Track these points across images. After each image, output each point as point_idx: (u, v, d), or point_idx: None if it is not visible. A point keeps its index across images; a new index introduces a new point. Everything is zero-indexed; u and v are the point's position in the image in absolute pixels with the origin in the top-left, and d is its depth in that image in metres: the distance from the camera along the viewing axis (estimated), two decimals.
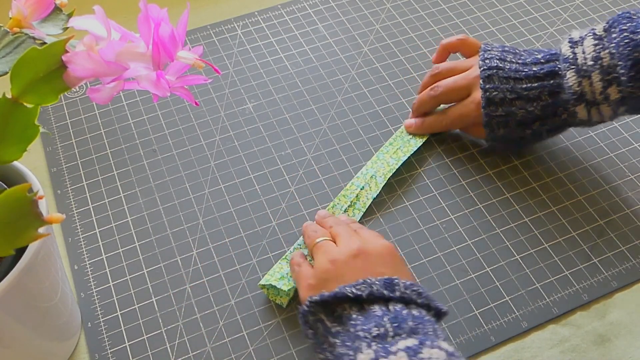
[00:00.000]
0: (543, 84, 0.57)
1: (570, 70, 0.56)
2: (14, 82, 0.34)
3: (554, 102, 0.57)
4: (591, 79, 0.55)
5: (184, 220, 0.60)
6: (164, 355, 0.52)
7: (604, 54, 0.55)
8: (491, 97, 0.59)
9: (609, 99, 0.55)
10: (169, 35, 0.34)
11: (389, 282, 0.46)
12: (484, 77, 0.59)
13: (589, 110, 0.57)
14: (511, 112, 0.59)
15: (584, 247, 0.58)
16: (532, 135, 0.60)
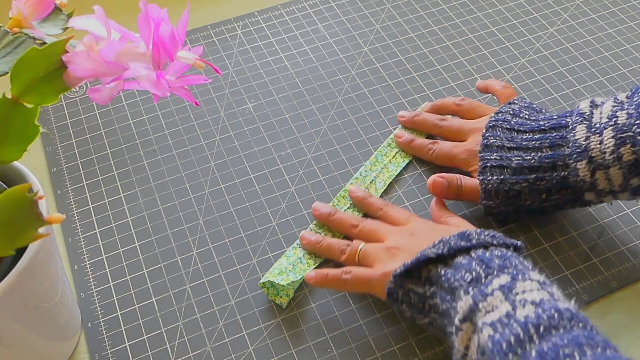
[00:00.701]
0: (545, 136, 0.54)
1: (581, 124, 0.52)
2: (14, 82, 0.34)
3: (552, 154, 0.53)
4: (602, 136, 0.51)
5: (184, 220, 0.60)
6: (164, 355, 0.52)
7: (621, 113, 0.51)
8: (489, 144, 0.56)
9: (621, 159, 0.50)
10: (169, 35, 0.34)
11: (463, 234, 0.47)
12: (488, 127, 0.57)
13: (593, 171, 0.51)
14: (506, 157, 0.55)
15: (584, 247, 0.58)
16: (530, 192, 0.54)
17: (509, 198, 0.55)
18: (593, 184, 0.52)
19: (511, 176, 0.54)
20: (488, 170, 0.56)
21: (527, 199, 0.55)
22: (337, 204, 0.60)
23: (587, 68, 0.72)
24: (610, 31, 0.77)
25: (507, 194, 0.55)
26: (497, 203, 0.56)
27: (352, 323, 0.53)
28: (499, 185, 0.55)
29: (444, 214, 0.56)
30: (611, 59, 0.73)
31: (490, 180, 0.55)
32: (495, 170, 0.55)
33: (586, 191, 0.53)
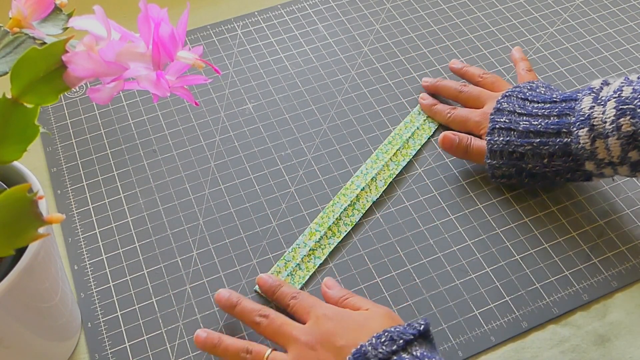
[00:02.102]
0: (554, 106, 0.57)
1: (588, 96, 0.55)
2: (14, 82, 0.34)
3: (559, 122, 0.56)
4: (605, 107, 0.53)
5: (184, 220, 0.60)
6: (164, 355, 0.52)
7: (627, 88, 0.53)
8: (501, 108, 0.60)
9: (620, 129, 0.51)
10: (169, 35, 0.34)
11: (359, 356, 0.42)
12: (504, 95, 0.61)
13: (594, 139, 0.53)
14: (515, 121, 0.58)
15: (584, 247, 0.58)
16: (533, 155, 0.57)
17: (513, 159, 0.58)
18: (593, 152, 0.54)
19: (517, 138, 0.57)
20: (496, 131, 0.59)
21: (530, 162, 0.57)
22: (337, 202, 0.60)
23: (587, 68, 0.72)
24: (610, 31, 0.77)
25: (511, 155, 0.58)
26: (500, 163, 0.59)
27: None
28: (504, 146, 0.58)
29: (342, 294, 0.52)
30: (611, 59, 0.73)
31: (496, 140, 0.58)
32: (502, 131, 0.58)
33: (586, 160, 0.55)
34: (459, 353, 0.51)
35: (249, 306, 0.50)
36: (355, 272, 0.56)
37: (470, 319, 0.53)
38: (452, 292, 0.55)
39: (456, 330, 0.53)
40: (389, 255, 0.57)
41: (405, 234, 0.59)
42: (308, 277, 0.56)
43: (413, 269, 0.56)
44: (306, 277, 0.56)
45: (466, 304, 0.54)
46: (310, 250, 0.57)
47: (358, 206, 0.60)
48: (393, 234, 0.59)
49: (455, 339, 0.52)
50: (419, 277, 0.56)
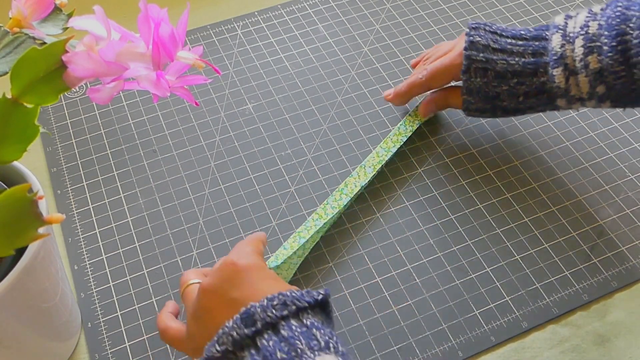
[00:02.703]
0: (528, 44, 0.57)
1: (557, 34, 0.55)
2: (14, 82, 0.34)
3: (535, 61, 0.56)
4: (574, 45, 0.54)
5: (184, 220, 0.60)
6: (164, 355, 0.52)
7: (592, 24, 0.53)
8: (475, 41, 0.59)
9: (588, 67, 0.53)
10: (169, 35, 0.34)
11: (247, 316, 0.39)
12: (471, 27, 0.60)
13: (567, 77, 0.54)
14: (492, 59, 0.58)
15: (584, 247, 0.58)
16: (509, 95, 0.58)
17: (488, 98, 0.59)
18: (566, 89, 0.55)
19: (494, 79, 0.58)
20: (472, 70, 0.59)
21: (505, 100, 0.59)
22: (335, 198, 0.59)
23: None
24: None
25: (487, 94, 0.59)
26: (476, 99, 0.60)
27: (352, 323, 0.53)
28: (481, 87, 0.59)
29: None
30: None
31: (473, 81, 0.59)
32: (479, 71, 0.58)
33: (559, 97, 0.57)
34: (459, 353, 0.51)
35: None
36: (355, 271, 0.56)
37: (470, 319, 0.53)
38: (452, 291, 0.55)
39: (456, 330, 0.53)
40: (389, 255, 0.57)
41: (405, 233, 0.59)
42: (291, 254, 0.54)
43: (413, 268, 0.56)
44: (288, 254, 0.54)
45: (466, 304, 0.54)
46: (297, 232, 0.57)
47: (346, 191, 0.60)
48: (393, 234, 0.59)
49: (455, 339, 0.52)
50: (419, 277, 0.56)
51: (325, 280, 0.56)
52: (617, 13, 0.52)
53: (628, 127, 0.67)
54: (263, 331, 0.39)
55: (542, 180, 0.62)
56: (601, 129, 0.67)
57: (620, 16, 0.52)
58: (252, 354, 0.38)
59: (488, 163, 0.64)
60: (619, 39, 0.51)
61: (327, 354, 0.37)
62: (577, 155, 0.64)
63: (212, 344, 0.39)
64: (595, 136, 0.66)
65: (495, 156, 0.64)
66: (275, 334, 0.38)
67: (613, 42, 0.51)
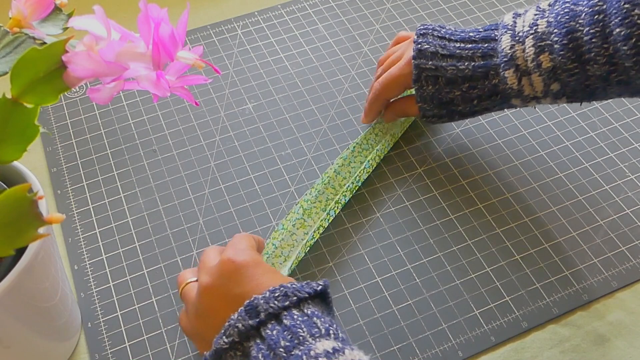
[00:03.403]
0: (477, 46, 0.56)
1: (506, 34, 0.54)
2: (14, 82, 0.34)
3: (485, 64, 0.55)
4: (524, 45, 0.53)
5: (184, 220, 0.60)
6: (164, 355, 0.52)
7: (541, 22, 0.53)
8: (422, 49, 0.58)
9: (540, 66, 0.52)
10: (169, 35, 0.34)
11: (251, 309, 0.41)
12: (419, 34, 0.59)
13: (520, 78, 0.54)
14: (441, 67, 0.57)
15: (584, 247, 0.58)
16: (462, 100, 0.58)
17: (443, 104, 0.59)
18: (520, 90, 0.55)
19: (445, 86, 0.58)
20: (423, 79, 0.58)
21: (459, 105, 0.59)
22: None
23: None
24: None
25: (441, 100, 0.59)
26: (431, 106, 0.60)
27: (352, 323, 0.53)
28: (433, 94, 0.58)
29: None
30: None
31: (425, 89, 0.59)
32: (430, 79, 0.58)
33: (513, 97, 0.56)
34: (459, 353, 0.51)
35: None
36: (355, 271, 0.56)
37: (470, 319, 0.53)
38: (452, 291, 0.55)
39: (456, 330, 0.53)
40: (389, 255, 0.57)
41: (405, 233, 0.59)
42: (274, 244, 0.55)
43: (413, 268, 0.56)
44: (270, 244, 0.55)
45: (466, 304, 0.54)
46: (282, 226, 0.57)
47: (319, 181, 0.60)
48: (393, 234, 0.59)
49: (455, 339, 0.52)
50: (419, 277, 0.56)
51: None
52: (566, 10, 0.51)
53: (628, 127, 0.67)
54: (267, 321, 0.41)
55: (542, 180, 0.62)
56: (601, 129, 0.67)
57: (569, 12, 0.51)
58: (257, 343, 0.40)
59: (488, 163, 0.64)
60: (569, 37, 0.51)
61: (327, 340, 0.39)
62: (577, 155, 0.64)
63: (219, 337, 0.42)
64: (595, 136, 0.66)
65: (495, 156, 0.64)
66: (278, 324, 0.41)
67: (564, 39, 0.51)
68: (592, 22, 0.49)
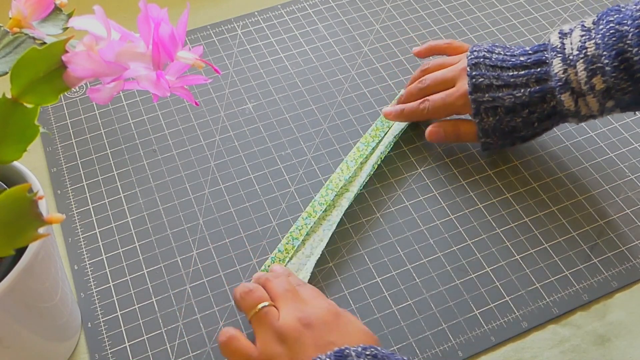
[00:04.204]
0: (530, 72, 0.57)
1: (556, 58, 0.56)
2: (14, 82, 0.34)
3: (541, 89, 0.57)
4: (576, 68, 0.54)
5: (184, 220, 0.60)
6: (164, 355, 0.52)
7: (590, 44, 0.54)
8: (477, 84, 0.59)
9: (594, 89, 0.54)
10: (169, 35, 0.34)
11: (340, 356, 0.42)
12: (471, 65, 0.60)
13: (576, 100, 0.55)
14: (498, 97, 0.58)
15: (584, 247, 0.58)
16: (524, 125, 0.59)
17: (505, 133, 0.60)
18: (577, 111, 0.56)
19: (506, 115, 0.58)
20: (483, 112, 0.59)
21: (522, 130, 0.59)
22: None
23: None
24: None
25: (503, 130, 0.59)
26: (494, 139, 0.60)
27: None
28: (495, 124, 0.59)
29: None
30: None
31: (486, 121, 0.59)
32: (489, 111, 0.59)
33: (571, 116, 0.58)
34: (459, 353, 0.51)
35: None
36: (355, 272, 0.56)
37: (470, 319, 0.53)
38: (452, 291, 0.55)
39: (456, 330, 0.53)
40: (389, 255, 0.57)
41: (405, 233, 0.59)
42: (288, 259, 0.56)
43: (413, 269, 0.56)
44: (285, 259, 0.56)
45: (466, 304, 0.54)
46: (290, 233, 0.57)
47: (331, 186, 0.60)
48: (393, 234, 0.59)
49: (455, 339, 0.52)
50: (419, 277, 0.56)
51: (325, 280, 0.56)
52: (612, 31, 0.53)
53: (628, 127, 0.67)
54: None
55: (542, 180, 0.62)
56: (601, 129, 0.67)
57: (615, 33, 0.52)
58: None
59: (488, 163, 0.64)
60: (620, 58, 0.52)
61: None
62: (577, 155, 0.64)
63: None
64: (595, 136, 0.66)
65: (495, 156, 0.64)
66: None
67: (615, 62, 0.52)
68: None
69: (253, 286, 0.49)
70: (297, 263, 0.56)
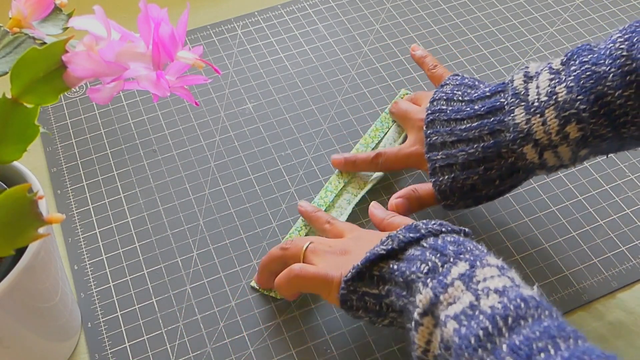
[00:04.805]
0: (483, 122, 0.52)
1: (518, 107, 0.50)
2: (14, 82, 0.34)
3: (494, 143, 0.51)
4: (544, 117, 0.48)
5: (184, 221, 0.60)
6: (164, 355, 0.52)
7: (560, 89, 0.48)
8: (432, 142, 0.55)
9: (567, 138, 0.48)
10: (169, 35, 0.34)
11: (410, 227, 0.46)
12: (427, 123, 0.56)
13: (541, 153, 0.50)
14: (452, 154, 0.53)
15: (584, 247, 0.58)
16: (483, 183, 0.53)
17: (465, 193, 0.54)
18: (542, 163, 0.51)
19: (461, 172, 0.53)
20: (438, 170, 0.54)
21: (482, 189, 0.53)
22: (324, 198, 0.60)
23: None
24: (610, 31, 0.77)
25: (462, 189, 0.54)
26: (454, 200, 0.55)
27: (352, 323, 0.53)
28: (451, 184, 0.54)
29: (385, 215, 0.53)
30: None
31: (442, 180, 0.54)
32: (444, 169, 0.54)
33: (537, 169, 0.52)
34: None
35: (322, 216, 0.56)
36: None
37: None
38: None
39: None
40: None
41: None
42: None
43: None
44: None
45: None
46: (289, 234, 0.58)
47: (331, 188, 0.61)
48: None
49: None
50: None
51: None
52: (587, 72, 0.47)
53: None
54: (427, 236, 0.44)
55: (542, 180, 0.62)
56: None
57: (592, 75, 0.47)
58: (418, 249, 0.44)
59: None
60: (599, 102, 0.46)
61: (492, 257, 0.42)
62: None
63: (376, 246, 0.45)
64: None
65: None
66: (439, 239, 0.44)
67: (594, 107, 0.47)
68: (624, 85, 0.45)
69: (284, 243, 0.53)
70: None
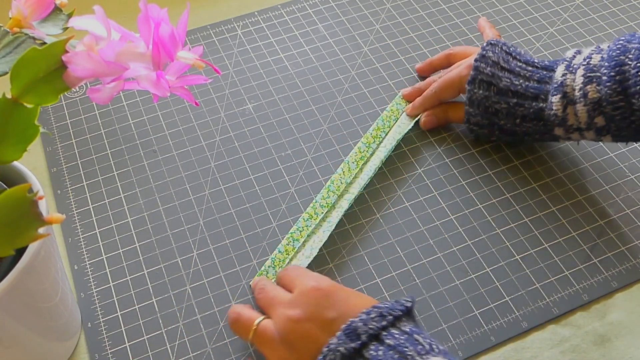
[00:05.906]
0: (536, 70, 0.59)
1: (562, 64, 0.58)
2: (14, 82, 0.34)
3: (538, 88, 0.58)
4: (575, 74, 0.56)
5: (184, 221, 0.60)
6: (164, 355, 0.52)
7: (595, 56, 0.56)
8: (486, 55, 0.61)
9: (586, 96, 0.55)
10: (169, 35, 0.34)
11: (350, 332, 0.42)
12: (489, 42, 0.62)
13: (565, 106, 0.56)
14: (497, 75, 0.59)
15: (584, 247, 0.58)
16: (507, 114, 0.60)
17: (488, 113, 0.61)
18: (564, 118, 0.57)
19: (495, 95, 0.60)
20: (477, 82, 0.60)
21: (502, 119, 0.60)
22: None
23: None
24: (610, 31, 0.77)
25: (487, 109, 0.60)
26: (476, 112, 0.61)
27: None
28: (482, 100, 0.60)
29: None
30: None
31: (476, 92, 0.60)
32: (483, 84, 0.60)
33: (556, 126, 0.58)
34: (459, 353, 0.51)
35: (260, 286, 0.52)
36: (355, 272, 0.56)
37: (470, 318, 0.53)
38: (452, 291, 0.55)
39: (456, 330, 0.53)
40: (389, 256, 0.57)
41: (405, 234, 0.59)
42: (288, 260, 0.56)
43: (413, 269, 0.56)
44: (286, 260, 0.56)
45: (466, 304, 0.54)
46: (290, 234, 0.57)
47: (333, 188, 0.60)
48: (393, 234, 0.59)
49: (455, 339, 0.52)
50: (419, 277, 0.56)
51: None
52: (618, 45, 0.54)
53: None
54: (369, 343, 0.42)
55: (542, 180, 0.62)
56: None
57: (621, 48, 0.54)
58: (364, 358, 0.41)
59: (488, 163, 0.64)
60: (617, 69, 0.53)
61: (434, 356, 0.40)
62: (577, 155, 0.64)
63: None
64: None
65: (495, 156, 0.64)
66: (381, 344, 0.41)
67: (612, 72, 0.53)
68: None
69: (239, 309, 0.49)
70: (297, 264, 0.56)
